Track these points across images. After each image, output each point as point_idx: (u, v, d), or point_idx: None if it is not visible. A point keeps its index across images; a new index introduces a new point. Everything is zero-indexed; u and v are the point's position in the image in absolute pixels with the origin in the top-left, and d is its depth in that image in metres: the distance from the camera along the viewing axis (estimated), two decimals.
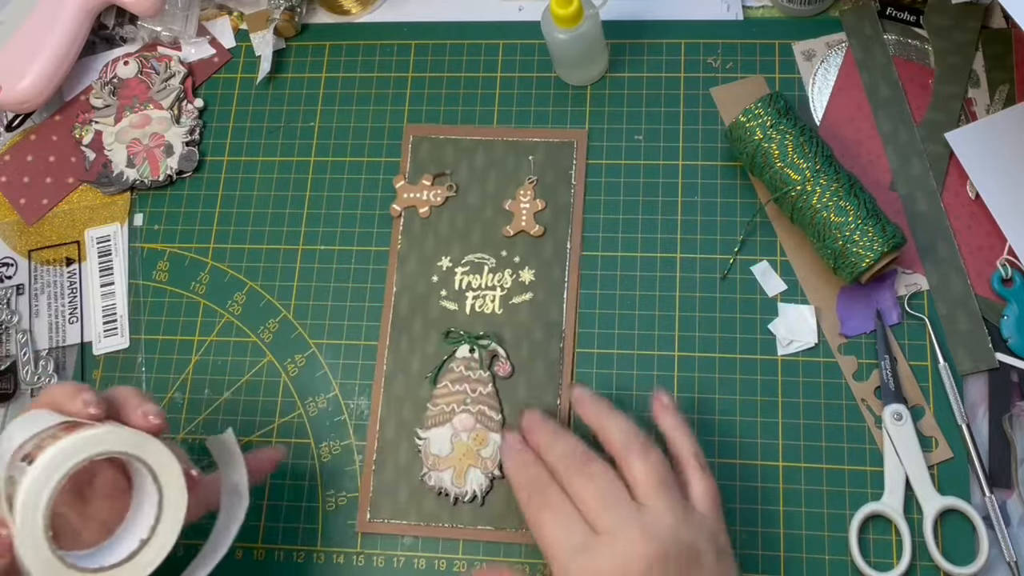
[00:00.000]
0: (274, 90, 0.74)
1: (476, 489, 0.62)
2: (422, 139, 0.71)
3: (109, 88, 0.75)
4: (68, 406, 0.50)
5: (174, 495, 0.49)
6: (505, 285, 0.66)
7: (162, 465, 0.49)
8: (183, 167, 0.73)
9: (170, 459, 0.49)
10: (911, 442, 0.59)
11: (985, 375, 0.61)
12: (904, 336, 0.62)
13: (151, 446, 0.48)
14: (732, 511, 0.60)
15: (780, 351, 0.63)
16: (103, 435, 0.47)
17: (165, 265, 0.71)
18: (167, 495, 0.49)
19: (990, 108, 0.66)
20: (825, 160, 0.60)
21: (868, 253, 0.58)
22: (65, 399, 0.50)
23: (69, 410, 0.49)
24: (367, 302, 0.68)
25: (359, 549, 0.62)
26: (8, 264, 0.73)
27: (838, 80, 0.68)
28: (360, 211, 0.70)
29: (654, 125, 0.69)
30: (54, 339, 0.70)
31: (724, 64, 0.70)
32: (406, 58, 0.74)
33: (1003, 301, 0.61)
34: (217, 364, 0.68)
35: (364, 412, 0.65)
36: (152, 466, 0.48)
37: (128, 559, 0.48)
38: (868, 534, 0.59)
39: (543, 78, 0.71)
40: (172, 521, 0.49)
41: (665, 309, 0.65)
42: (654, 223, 0.67)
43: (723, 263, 0.65)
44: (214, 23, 0.77)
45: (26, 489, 0.44)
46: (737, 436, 0.61)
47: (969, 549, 0.57)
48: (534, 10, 0.73)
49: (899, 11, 0.69)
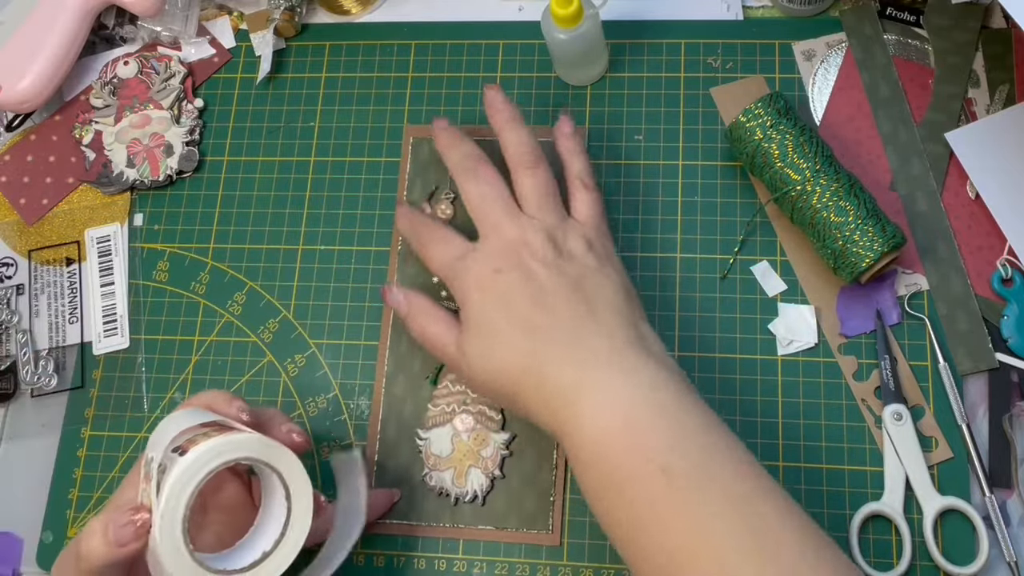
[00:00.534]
0: (274, 90, 0.74)
1: (477, 489, 0.62)
2: (422, 139, 0.71)
3: (109, 88, 0.75)
4: (223, 407, 0.52)
5: (301, 514, 0.50)
6: None
7: (296, 483, 0.50)
8: (183, 167, 0.73)
9: (304, 479, 0.50)
10: (911, 442, 0.59)
11: (985, 375, 0.61)
12: (904, 336, 0.62)
13: (290, 461, 0.50)
14: None
15: (780, 351, 0.63)
16: (251, 441, 0.49)
17: (165, 265, 0.71)
18: (295, 513, 0.50)
19: (990, 108, 0.66)
20: (825, 160, 0.60)
21: (868, 253, 0.58)
22: (221, 402, 0.53)
23: (223, 411, 0.52)
24: (367, 302, 0.68)
25: (359, 549, 0.62)
26: (8, 264, 0.73)
27: (838, 80, 0.68)
28: (360, 211, 0.70)
29: (654, 125, 0.69)
30: (54, 339, 0.70)
31: (724, 64, 0.70)
32: (406, 58, 0.74)
33: (1003, 301, 0.61)
34: (217, 364, 0.68)
35: (364, 412, 0.65)
36: (287, 481, 0.50)
37: (250, 568, 0.49)
38: (868, 534, 0.59)
39: (543, 78, 0.71)
40: (295, 539, 0.50)
41: (665, 309, 0.65)
42: (654, 223, 0.67)
43: (723, 263, 0.65)
44: (214, 23, 0.77)
45: (175, 478, 0.46)
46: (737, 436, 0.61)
47: (969, 549, 0.57)
48: (534, 10, 0.73)
49: (899, 11, 0.69)
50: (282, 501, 0.50)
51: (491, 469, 0.62)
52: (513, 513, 0.61)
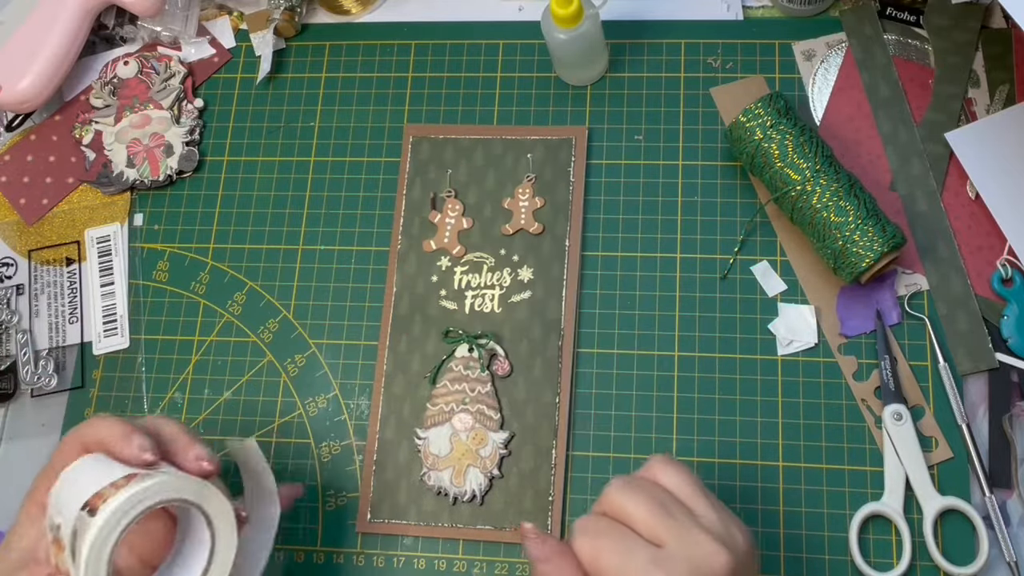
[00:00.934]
0: (274, 90, 0.74)
1: (475, 489, 0.62)
2: (422, 139, 0.71)
3: (109, 88, 0.75)
4: (121, 451, 0.49)
5: (226, 538, 0.49)
6: (504, 284, 0.66)
7: (218, 511, 0.49)
8: (183, 167, 0.73)
9: (226, 505, 0.49)
10: (911, 442, 0.59)
11: (985, 375, 0.61)
12: (904, 336, 0.62)
13: (209, 494, 0.48)
14: (732, 511, 0.60)
15: (780, 351, 0.63)
16: (163, 485, 0.46)
17: (165, 265, 0.71)
18: (219, 539, 0.49)
19: (990, 108, 0.66)
20: (825, 160, 0.60)
21: (868, 253, 0.58)
22: (116, 442, 0.49)
23: (122, 455, 0.49)
24: (367, 302, 0.68)
25: (359, 549, 0.62)
26: (8, 264, 0.73)
27: (838, 80, 0.68)
28: (360, 211, 0.70)
29: (654, 125, 0.69)
30: (54, 339, 0.70)
31: (724, 64, 0.70)
32: (406, 58, 0.74)
33: (1003, 301, 0.61)
34: (217, 364, 0.68)
35: (364, 412, 0.65)
36: (209, 513, 0.48)
37: None
38: (868, 534, 0.58)
39: (543, 78, 0.71)
40: (223, 564, 0.49)
41: (665, 309, 0.65)
42: (654, 223, 0.67)
43: (723, 263, 0.65)
44: (214, 23, 0.77)
45: (90, 543, 0.44)
46: (737, 436, 0.61)
47: (969, 549, 0.57)
48: (534, 10, 0.73)
49: (899, 11, 0.69)
50: (205, 530, 0.49)
51: (490, 468, 0.62)
52: (512, 512, 0.61)
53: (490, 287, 0.66)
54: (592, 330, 0.65)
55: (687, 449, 0.62)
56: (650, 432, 0.62)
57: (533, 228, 0.67)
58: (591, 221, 0.67)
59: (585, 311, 0.65)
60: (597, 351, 0.64)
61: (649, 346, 0.64)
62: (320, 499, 0.64)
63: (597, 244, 0.67)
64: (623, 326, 0.65)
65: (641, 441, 0.62)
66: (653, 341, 0.64)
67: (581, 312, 0.65)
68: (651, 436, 0.62)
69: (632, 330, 0.64)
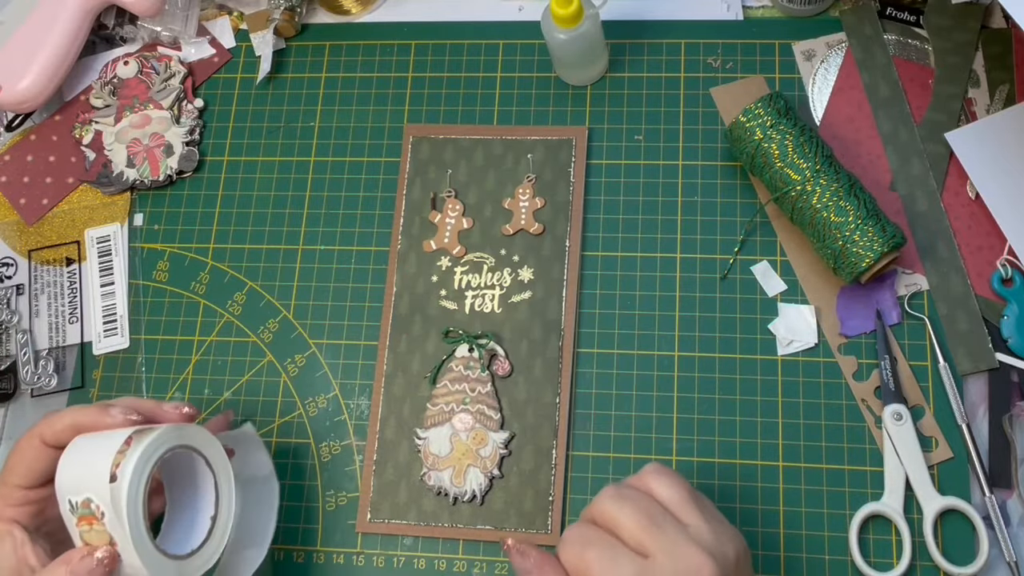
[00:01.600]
0: (274, 90, 0.74)
1: (475, 489, 0.62)
2: (422, 139, 0.71)
3: (109, 88, 0.75)
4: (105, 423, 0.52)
5: (223, 471, 0.55)
6: (504, 284, 0.66)
7: (211, 449, 0.54)
8: (183, 167, 0.73)
9: (215, 442, 0.54)
10: (911, 442, 0.59)
11: (985, 375, 0.61)
12: (904, 336, 0.62)
13: (201, 435, 0.53)
14: (732, 511, 0.60)
15: (780, 351, 0.63)
16: (165, 433, 0.51)
17: (165, 265, 0.71)
18: (219, 472, 0.54)
19: (990, 108, 0.66)
20: (825, 160, 0.60)
21: (868, 253, 0.58)
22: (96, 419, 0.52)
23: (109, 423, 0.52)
24: (367, 302, 0.68)
25: (359, 549, 0.62)
26: (8, 264, 0.73)
27: (838, 80, 0.68)
28: (360, 211, 0.70)
29: (654, 125, 0.69)
30: (54, 339, 0.70)
31: (724, 64, 0.70)
32: (406, 58, 0.74)
33: (1003, 301, 0.61)
34: (217, 364, 0.68)
35: (364, 412, 0.65)
36: (204, 453, 0.53)
37: (208, 536, 0.53)
38: (868, 534, 0.58)
39: (543, 78, 0.71)
40: (229, 491, 0.55)
41: (665, 309, 0.65)
42: (654, 223, 0.67)
43: (723, 263, 0.65)
44: (214, 23, 0.77)
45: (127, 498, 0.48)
46: (737, 436, 0.61)
47: (969, 549, 0.57)
48: (534, 10, 0.73)
49: (899, 11, 0.69)
50: (206, 469, 0.54)
51: (490, 468, 0.62)
52: (512, 513, 0.61)
53: (490, 287, 0.66)
54: (592, 330, 0.65)
55: (687, 449, 0.62)
56: (650, 432, 0.62)
57: (533, 228, 0.67)
58: (591, 221, 0.67)
59: (585, 311, 0.65)
60: (597, 351, 0.64)
61: (649, 346, 0.64)
62: (320, 499, 0.64)
63: (597, 244, 0.67)
64: (623, 326, 0.65)
65: (641, 441, 0.62)
66: (653, 341, 0.64)
67: (581, 312, 0.65)
68: (651, 436, 0.62)
69: (632, 330, 0.64)
